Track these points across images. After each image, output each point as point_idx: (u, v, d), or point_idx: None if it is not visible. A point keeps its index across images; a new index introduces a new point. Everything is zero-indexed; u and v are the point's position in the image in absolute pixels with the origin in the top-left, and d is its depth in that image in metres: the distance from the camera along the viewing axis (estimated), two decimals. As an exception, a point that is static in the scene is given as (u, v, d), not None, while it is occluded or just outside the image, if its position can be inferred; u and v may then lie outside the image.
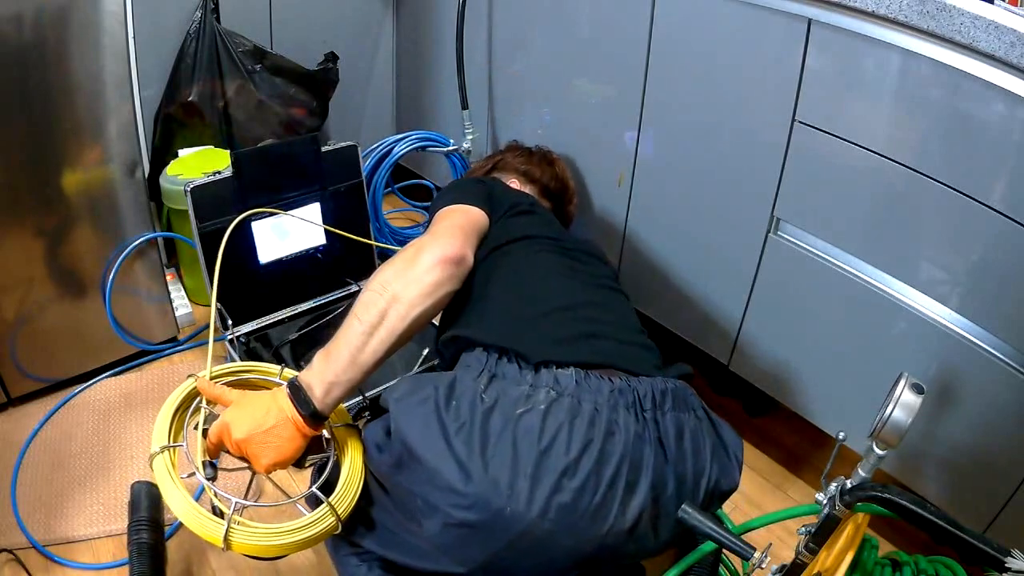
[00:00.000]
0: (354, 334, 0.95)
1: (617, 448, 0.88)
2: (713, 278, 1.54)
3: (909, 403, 0.90)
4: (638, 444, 0.89)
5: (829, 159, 1.26)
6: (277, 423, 0.92)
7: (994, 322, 1.13)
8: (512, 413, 0.87)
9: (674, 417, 0.93)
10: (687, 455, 0.93)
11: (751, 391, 1.58)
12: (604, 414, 0.89)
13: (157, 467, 0.93)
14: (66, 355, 1.63)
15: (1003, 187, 1.06)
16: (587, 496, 0.86)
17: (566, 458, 0.85)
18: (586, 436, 0.87)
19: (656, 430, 0.92)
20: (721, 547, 1.01)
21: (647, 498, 0.89)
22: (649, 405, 0.92)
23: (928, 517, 0.74)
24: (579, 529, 0.87)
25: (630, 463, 0.88)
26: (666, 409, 0.94)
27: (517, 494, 0.84)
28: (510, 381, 0.90)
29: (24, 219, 1.46)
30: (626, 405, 0.91)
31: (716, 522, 0.99)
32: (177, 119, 1.89)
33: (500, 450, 0.85)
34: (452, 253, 1.01)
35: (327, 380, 0.93)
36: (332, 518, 0.96)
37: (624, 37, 1.52)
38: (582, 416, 0.88)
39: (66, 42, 1.36)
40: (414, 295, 0.96)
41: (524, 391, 0.89)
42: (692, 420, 0.96)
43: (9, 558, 1.28)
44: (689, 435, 0.94)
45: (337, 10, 2.13)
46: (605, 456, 0.87)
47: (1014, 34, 0.98)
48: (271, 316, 1.74)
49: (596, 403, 0.89)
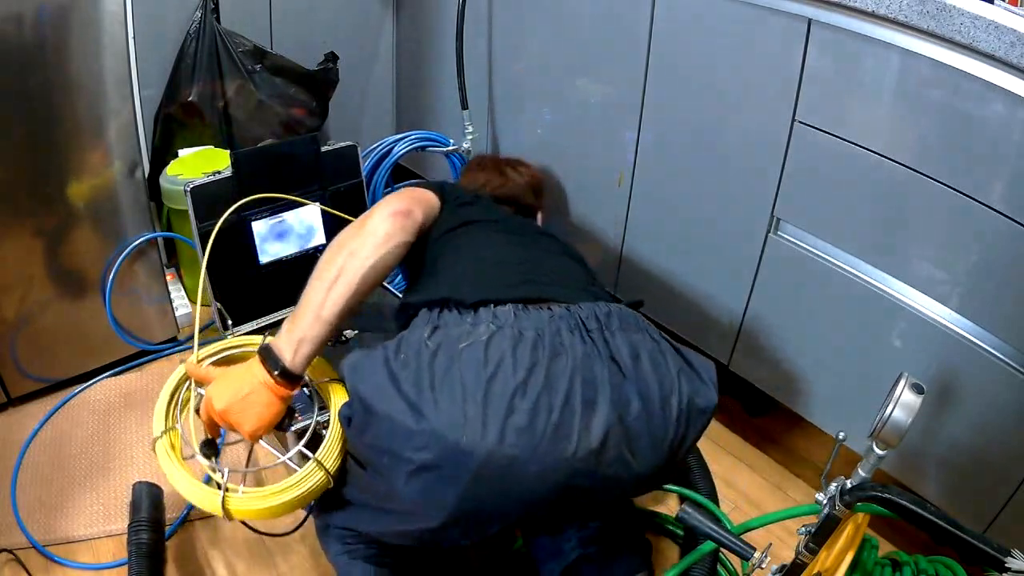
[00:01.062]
0: (315, 292, 1.00)
1: (566, 366, 0.89)
2: (713, 278, 1.54)
3: (909, 403, 0.90)
4: (587, 362, 0.90)
5: (829, 159, 1.26)
6: (252, 389, 0.96)
7: (994, 322, 1.13)
8: (455, 349, 0.89)
9: (625, 337, 0.94)
10: (647, 374, 0.92)
11: (751, 391, 1.58)
12: (547, 338, 0.90)
13: (159, 450, 1.01)
14: (66, 355, 1.63)
15: (1003, 187, 1.06)
16: (543, 415, 0.85)
17: (514, 380, 0.86)
18: (531, 359, 0.88)
19: (607, 349, 0.92)
20: (721, 547, 1.01)
21: (611, 415, 0.88)
22: (594, 325, 0.94)
23: (928, 517, 0.75)
24: (542, 451, 0.85)
25: (583, 380, 0.88)
26: (614, 329, 0.95)
27: (470, 422, 0.84)
28: (451, 325, 0.93)
29: (24, 219, 1.46)
30: (569, 328, 0.92)
31: (716, 522, 0.99)
32: (177, 119, 1.89)
33: (448, 384, 0.87)
34: (400, 208, 1.07)
35: (295, 338, 0.97)
36: (321, 472, 0.99)
37: (624, 37, 1.52)
38: (524, 342, 0.89)
39: (66, 42, 1.36)
40: (368, 247, 1.02)
41: (465, 329, 0.92)
42: (648, 341, 0.96)
43: (9, 558, 1.28)
44: (647, 355, 0.94)
45: (337, 10, 2.13)
46: (554, 375, 0.88)
47: (1014, 34, 0.98)
48: (271, 316, 1.74)
49: (538, 329, 0.91)
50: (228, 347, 1.13)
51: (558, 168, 1.81)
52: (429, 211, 1.17)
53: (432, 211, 1.18)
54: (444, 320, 0.95)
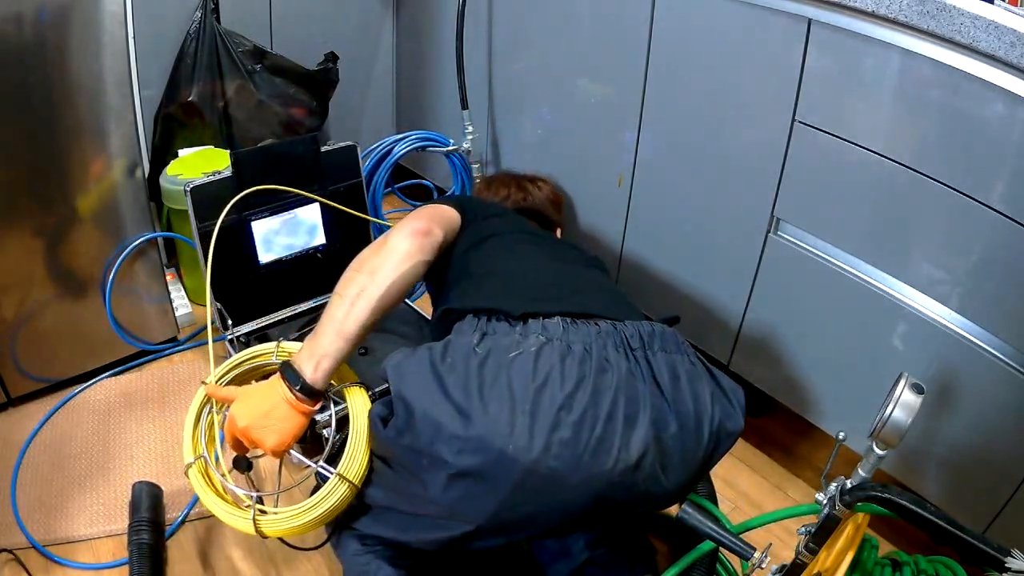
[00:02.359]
0: (336, 308, 1.01)
1: (611, 383, 0.90)
2: (713, 278, 1.54)
3: (909, 403, 0.90)
4: (631, 380, 0.92)
5: (829, 159, 1.26)
6: (273, 406, 0.98)
7: (994, 322, 1.14)
8: (505, 358, 0.90)
9: (666, 358, 0.96)
10: (685, 395, 0.94)
11: (751, 391, 1.58)
12: (594, 353, 0.92)
13: (192, 477, 1.05)
14: (66, 355, 1.63)
15: (1003, 187, 1.07)
16: (586, 429, 0.87)
17: (561, 393, 0.88)
18: (579, 373, 0.90)
19: (649, 368, 0.94)
20: (721, 547, 1.01)
21: (648, 433, 0.90)
22: (637, 344, 0.96)
23: (928, 517, 0.75)
24: (583, 464, 0.87)
25: (626, 397, 0.90)
26: (656, 349, 0.96)
27: (518, 432, 0.86)
28: (501, 334, 0.94)
29: (24, 219, 1.46)
30: (615, 345, 0.94)
31: (716, 522, 0.99)
32: (177, 119, 1.89)
33: (496, 392, 0.88)
34: (420, 227, 1.09)
35: (316, 354, 0.98)
36: (346, 484, 1.01)
37: (624, 37, 1.52)
38: (573, 356, 0.91)
39: (66, 42, 1.36)
40: (389, 266, 1.04)
41: (515, 339, 0.93)
42: (686, 363, 0.98)
43: (9, 558, 1.28)
44: (685, 376, 0.96)
45: (337, 10, 2.13)
46: (600, 390, 0.89)
47: (1014, 34, 0.98)
48: (271, 316, 1.74)
49: (585, 344, 0.93)
50: (242, 361, 1.15)
51: (558, 168, 1.81)
52: (450, 228, 1.18)
53: (453, 227, 1.19)
54: (493, 328, 0.96)
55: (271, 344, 1.16)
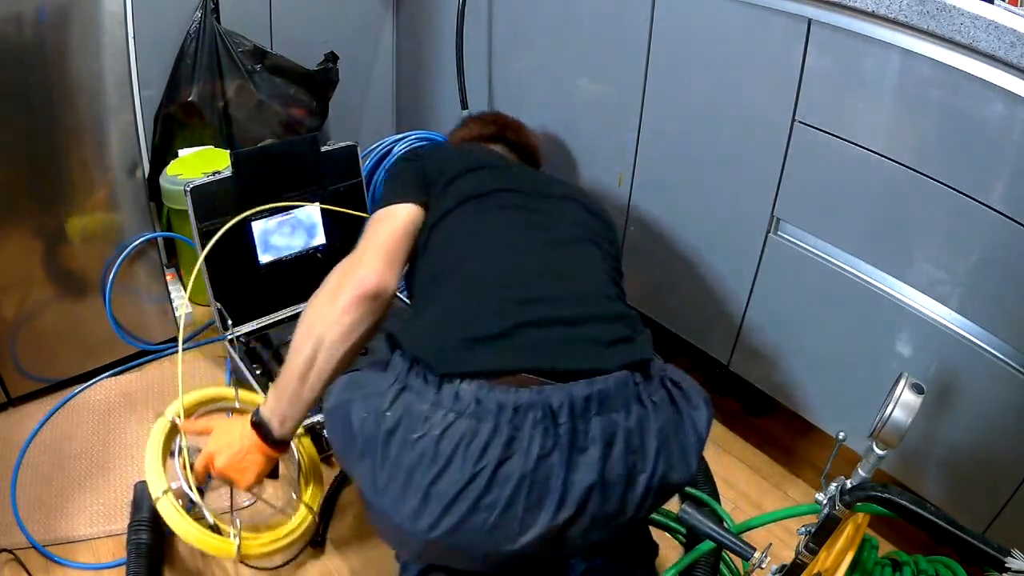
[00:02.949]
0: (291, 377, 1.04)
1: (514, 472, 0.85)
2: (713, 278, 1.54)
3: (909, 403, 0.90)
4: (542, 462, 0.85)
5: (829, 159, 1.26)
6: (247, 451, 1.08)
7: (994, 322, 1.13)
8: (409, 438, 0.87)
9: (601, 421, 0.88)
10: (617, 461, 0.88)
11: (751, 391, 1.58)
12: (503, 434, 0.85)
13: (163, 509, 1.14)
14: (66, 355, 1.63)
15: (1003, 187, 1.07)
16: (480, 516, 0.85)
17: (455, 487, 0.85)
18: (477, 464, 0.85)
19: (572, 440, 0.87)
20: (721, 547, 1.01)
21: (554, 516, 0.86)
22: (565, 418, 0.86)
23: (928, 517, 0.75)
24: (479, 544, 0.86)
25: (531, 483, 0.85)
26: (590, 416, 0.87)
27: (411, 515, 0.86)
28: (414, 395, 0.89)
29: (24, 219, 1.46)
30: (534, 421, 0.86)
31: (716, 522, 0.99)
32: (177, 119, 1.89)
33: (396, 471, 0.87)
34: (368, 288, 1.03)
35: (279, 415, 1.06)
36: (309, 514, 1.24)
37: (624, 37, 1.52)
38: (476, 440, 0.85)
39: (66, 42, 1.36)
40: (335, 338, 1.02)
41: (424, 412, 0.87)
42: (633, 418, 0.89)
43: (9, 558, 1.28)
44: (622, 439, 0.88)
45: (337, 10, 2.13)
46: (497, 482, 0.85)
47: (1014, 34, 0.98)
48: (271, 316, 1.74)
49: (497, 422, 0.85)
50: (207, 398, 1.31)
51: (558, 168, 1.81)
52: (411, 242, 1.13)
53: (415, 231, 1.14)
54: (410, 384, 0.90)
55: (231, 389, 1.35)
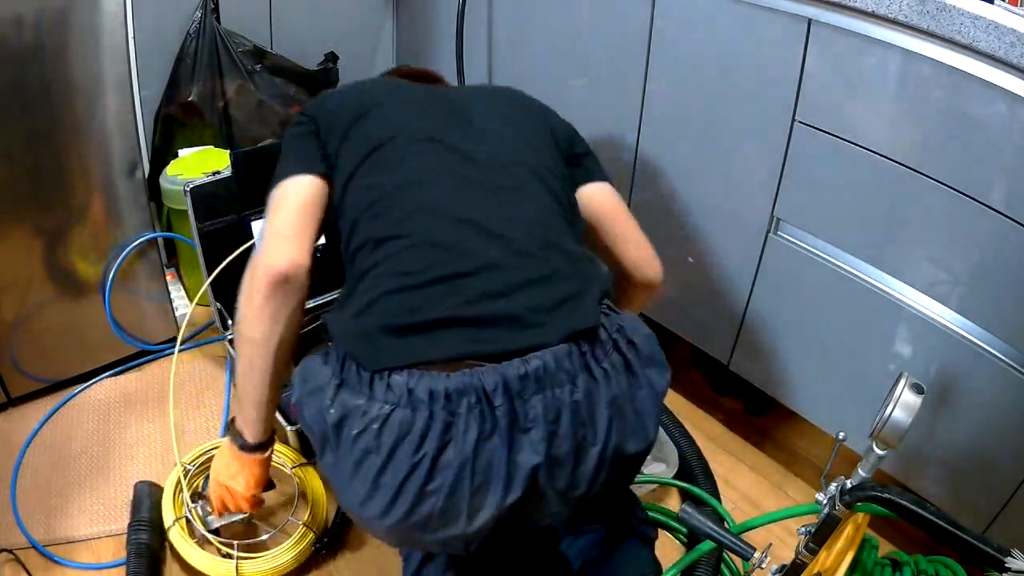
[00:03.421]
0: (241, 383, 1.05)
1: (454, 459, 0.83)
2: (713, 278, 1.54)
3: (909, 403, 0.90)
4: (482, 445, 0.83)
5: (829, 159, 1.26)
6: (233, 461, 1.13)
7: (994, 322, 1.13)
8: (350, 434, 0.85)
9: (542, 399, 0.84)
10: (564, 437, 0.85)
11: (751, 391, 1.58)
12: (439, 421, 0.82)
13: (173, 537, 1.28)
14: (66, 355, 1.63)
15: (1003, 187, 1.06)
16: (427, 505, 0.84)
17: (400, 476, 0.83)
18: (416, 453, 0.83)
19: (512, 421, 0.84)
20: (721, 547, 1.01)
21: (503, 497, 0.84)
22: (501, 400, 0.83)
23: (928, 517, 0.75)
24: (433, 528, 0.86)
25: (472, 468, 0.83)
26: (528, 395, 0.83)
27: (365, 505, 0.86)
28: (350, 392, 0.86)
29: (24, 219, 1.46)
30: (468, 405, 0.82)
31: (716, 522, 0.99)
32: (177, 119, 1.89)
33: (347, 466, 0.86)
34: (275, 274, 0.95)
35: (245, 421, 1.08)
36: (310, 534, 1.31)
37: (624, 37, 1.52)
38: (413, 432, 0.83)
39: (66, 43, 1.36)
40: (262, 333, 0.98)
41: (361, 406, 0.85)
42: (580, 390, 0.85)
43: (9, 558, 1.28)
44: (568, 415, 0.84)
45: (337, 10, 2.13)
46: (438, 469, 0.83)
47: (1014, 34, 0.98)
48: (271, 316, 1.74)
49: (431, 410, 0.83)
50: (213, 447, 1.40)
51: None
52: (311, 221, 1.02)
53: (322, 197, 1.03)
54: (346, 378, 0.87)
55: None
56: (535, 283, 0.90)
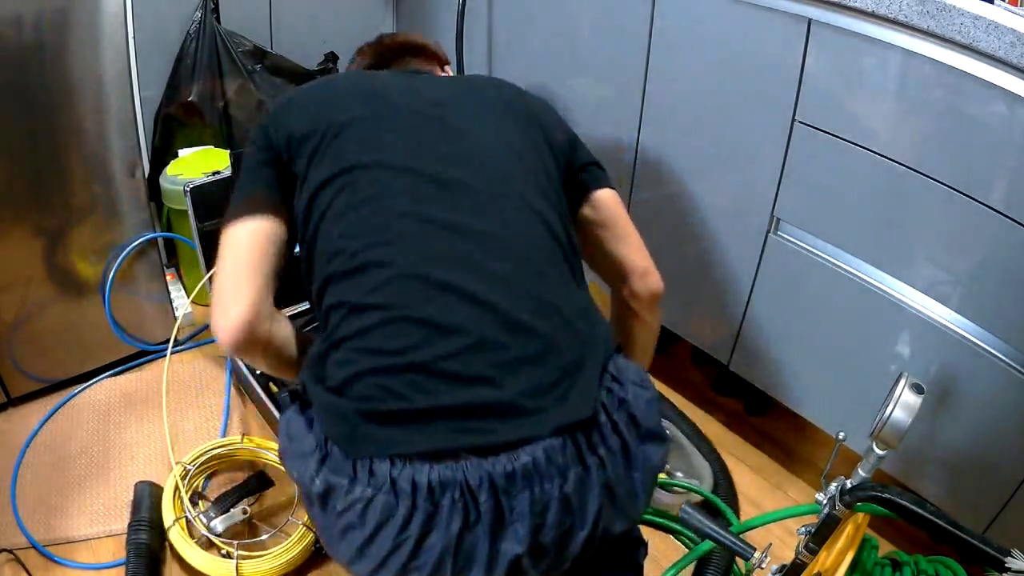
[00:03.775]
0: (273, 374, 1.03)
1: (436, 545, 0.80)
2: (713, 278, 1.54)
3: (909, 403, 0.90)
4: (465, 535, 0.80)
5: (829, 159, 1.26)
6: None
7: (994, 322, 1.13)
8: (335, 508, 0.83)
9: (529, 496, 0.79)
10: (550, 527, 0.81)
11: (751, 391, 1.58)
12: (421, 512, 0.79)
13: (173, 536, 1.29)
14: (66, 355, 1.63)
15: (1003, 187, 1.06)
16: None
17: (384, 550, 0.81)
18: (400, 535, 0.80)
19: (497, 516, 0.80)
20: (721, 547, 1.01)
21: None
22: (486, 496, 0.78)
23: (928, 517, 0.75)
24: None
25: (455, 552, 0.80)
26: (515, 492, 0.79)
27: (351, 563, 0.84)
28: (333, 470, 0.82)
29: (24, 219, 1.46)
30: (452, 500, 0.78)
31: (716, 522, 0.99)
32: (177, 119, 1.89)
33: (332, 530, 0.84)
34: (230, 340, 0.89)
35: None
36: (310, 535, 1.30)
37: (624, 37, 1.52)
38: (395, 518, 0.79)
39: (66, 43, 1.36)
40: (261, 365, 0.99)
41: (344, 486, 0.81)
42: (570, 483, 0.80)
43: (9, 558, 1.28)
44: (556, 508, 0.80)
45: (337, 10, 2.13)
46: (422, 552, 0.80)
47: (1014, 34, 0.98)
48: (271, 316, 1.74)
49: (414, 499, 0.79)
50: (213, 447, 1.43)
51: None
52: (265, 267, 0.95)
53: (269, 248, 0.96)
54: (330, 451, 0.83)
55: (236, 436, 1.48)
56: (528, 362, 0.82)
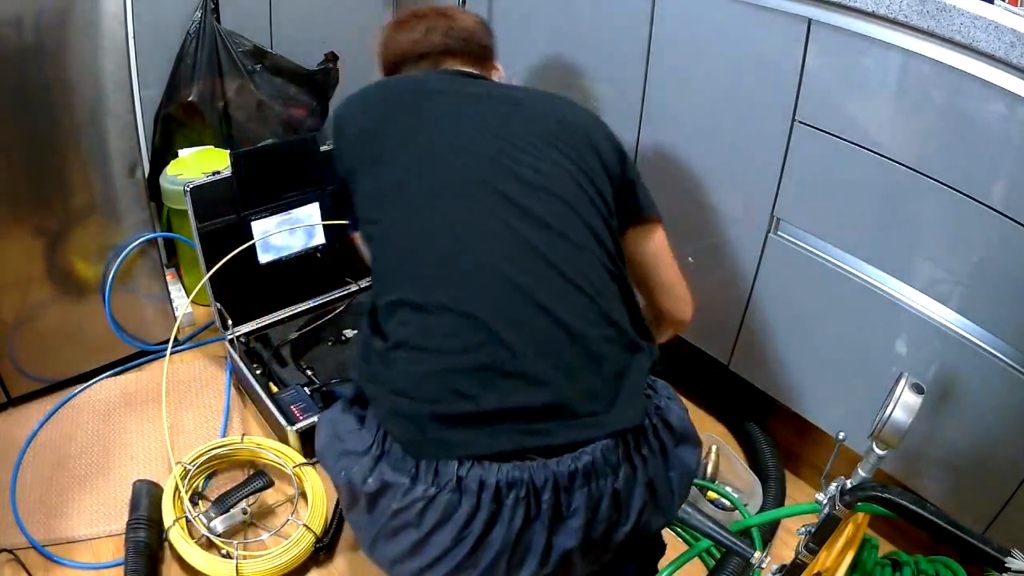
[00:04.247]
0: None
1: (497, 539, 0.82)
2: (713, 278, 1.54)
3: (909, 403, 0.90)
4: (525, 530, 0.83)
5: (829, 159, 1.26)
6: None
7: (994, 322, 1.13)
8: (391, 507, 0.84)
9: (586, 492, 0.83)
10: (600, 521, 0.85)
11: (751, 391, 1.58)
12: (485, 511, 0.81)
13: (174, 537, 1.28)
14: (66, 355, 1.63)
15: (1003, 187, 1.06)
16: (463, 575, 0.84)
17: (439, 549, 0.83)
18: (461, 532, 0.82)
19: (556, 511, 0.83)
20: (721, 547, 1.01)
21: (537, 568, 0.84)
22: (548, 494, 0.82)
23: (928, 517, 0.75)
24: None
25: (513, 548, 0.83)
26: (575, 488, 0.83)
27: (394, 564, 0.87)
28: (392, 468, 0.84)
29: (24, 219, 1.46)
30: (516, 499, 0.81)
31: (716, 522, 0.99)
32: (177, 119, 1.89)
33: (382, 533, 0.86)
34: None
35: None
36: (310, 534, 1.30)
37: (624, 37, 1.52)
38: (459, 513, 0.82)
39: (66, 43, 1.36)
40: None
41: (404, 484, 0.83)
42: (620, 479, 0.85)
43: (9, 558, 1.28)
44: (608, 502, 0.84)
45: (337, 10, 2.13)
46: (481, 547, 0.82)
47: (1014, 34, 0.98)
48: (270, 316, 1.74)
49: (479, 499, 0.81)
50: (213, 447, 1.43)
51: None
52: None
53: None
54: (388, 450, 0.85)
55: (237, 436, 1.48)
56: (583, 367, 0.86)
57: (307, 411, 1.49)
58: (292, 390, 1.54)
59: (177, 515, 1.31)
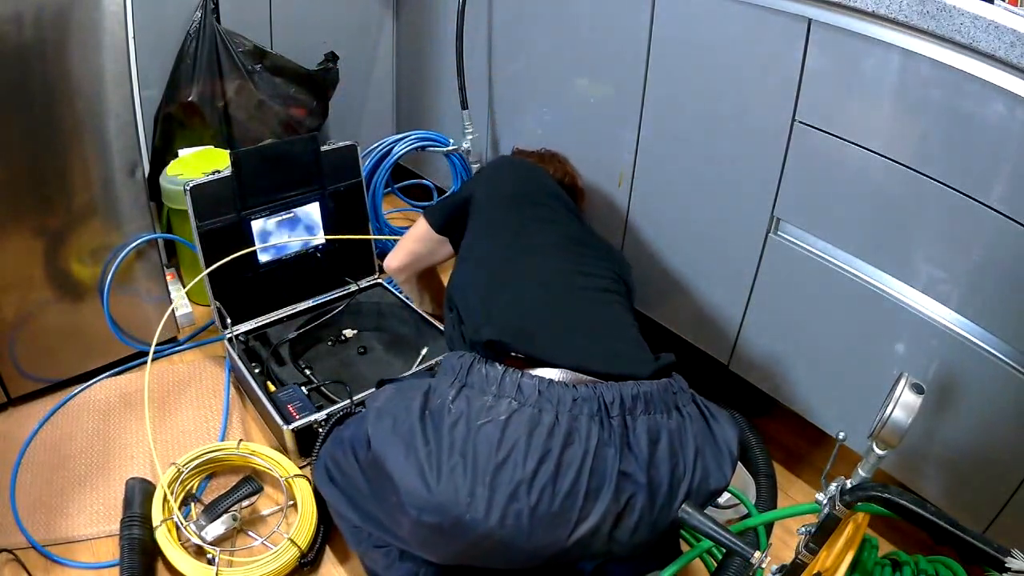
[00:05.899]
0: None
1: (577, 456, 0.91)
2: (713, 278, 1.54)
3: (909, 403, 0.90)
4: (600, 451, 0.92)
5: (829, 159, 1.26)
6: None
7: (994, 322, 1.14)
8: (474, 424, 0.92)
9: (648, 421, 0.96)
10: (662, 461, 0.95)
11: (751, 391, 1.58)
12: (564, 424, 0.92)
13: (159, 537, 1.28)
14: (66, 355, 1.63)
15: (1003, 187, 1.07)
16: (544, 504, 0.89)
17: (523, 470, 0.89)
18: (544, 447, 0.90)
19: (625, 435, 0.94)
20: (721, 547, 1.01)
21: (610, 506, 0.91)
22: (617, 411, 0.95)
23: (928, 517, 0.75)
24: (537, 536, 0.90)
25: (591, 470, 0.91)
26: (638, 413, 0.96)
27: (476, 501, 0.89)
28: (476, 391, 0.95)
29: (24, 219, 1.46)
30: (590, 413, 0.93)
31: (716, 522, 0.99)
32: (177, 119, 1.89)
33: (461, 460, 0.91)
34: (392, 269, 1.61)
35: None
36: (294, 548, 1.27)
37: (624, 37, 1.52)
38: (541, 427, 0.91)
39: (66, 42, 1.36)
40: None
41: (487, 402, 0.93)
42: (674, 421, 0.98)
43: (9, 558, 1.28)
44: (666, 439, 0.96)
45: (337, 10, 2.13)
46: (563, 466, 0.90)
47: (1014, 34, 0.98)
48: (270, 315, 1.74)
49: (557, 412, 0.93)
50: (208, 451, 1.42)
51: (558, 168, 1.81)
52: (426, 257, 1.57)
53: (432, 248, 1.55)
54: (472, 380, 0.96)
55: (233, 441, 1.45)
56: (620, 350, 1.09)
57: (304, 410, 1.48)
58: (289, 389, 1.54)
59: (164, 516, 1.30)
